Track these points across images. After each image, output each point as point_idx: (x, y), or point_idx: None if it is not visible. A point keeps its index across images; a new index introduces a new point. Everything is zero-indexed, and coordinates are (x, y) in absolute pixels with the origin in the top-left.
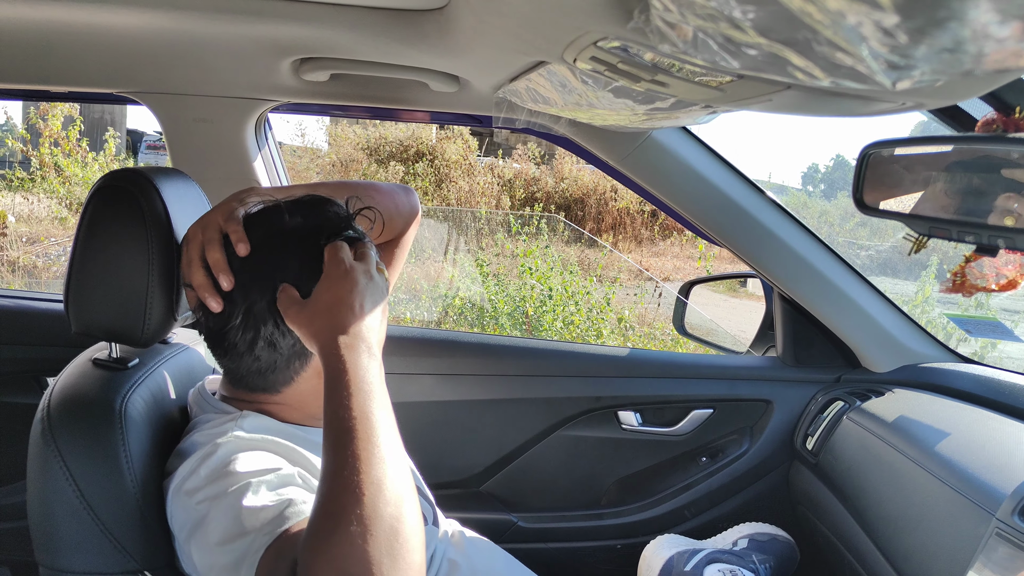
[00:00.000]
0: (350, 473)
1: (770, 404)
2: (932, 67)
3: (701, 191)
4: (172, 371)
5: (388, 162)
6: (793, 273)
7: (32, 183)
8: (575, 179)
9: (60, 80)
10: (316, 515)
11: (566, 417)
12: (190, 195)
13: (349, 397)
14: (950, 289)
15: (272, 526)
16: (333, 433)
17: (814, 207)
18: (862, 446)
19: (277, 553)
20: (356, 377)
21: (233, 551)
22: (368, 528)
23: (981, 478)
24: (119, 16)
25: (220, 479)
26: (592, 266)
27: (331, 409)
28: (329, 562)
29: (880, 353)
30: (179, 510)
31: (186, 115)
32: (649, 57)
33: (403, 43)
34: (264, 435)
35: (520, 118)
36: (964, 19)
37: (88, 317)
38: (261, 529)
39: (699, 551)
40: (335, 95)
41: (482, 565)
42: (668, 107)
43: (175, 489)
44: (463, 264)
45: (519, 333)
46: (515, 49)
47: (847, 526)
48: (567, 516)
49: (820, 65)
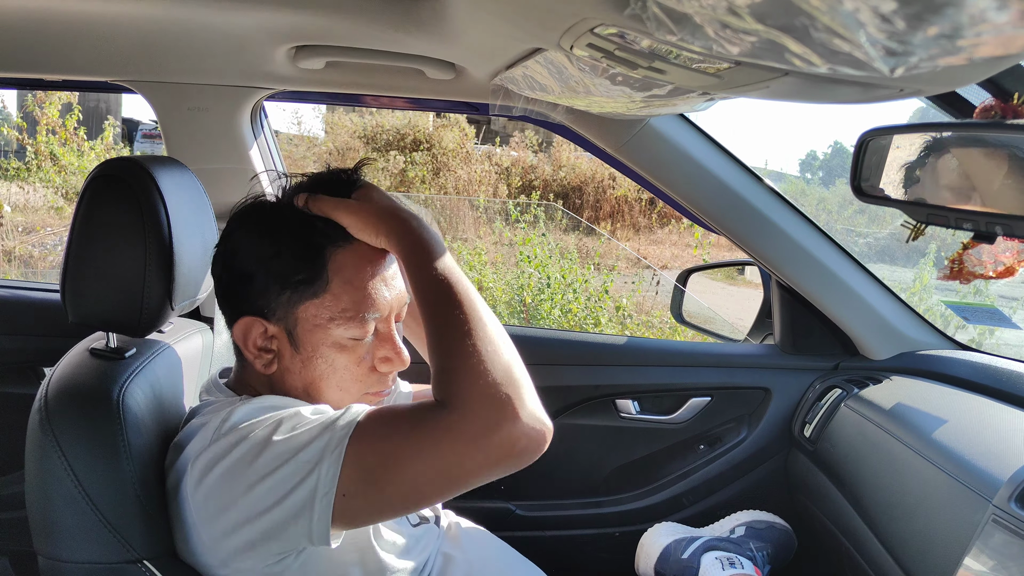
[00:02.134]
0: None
1: (768, 392)
2: (930, 53)
3: (699, 179)
4: (169, 360)
5: (387, 151)
6: (791, 261)
7: (28, 172)
8: (573, 167)
9: (54, 68)
10: (444, 355)
11: (564, 405)
12: (186, 184)
13: (441, 262)
14: (948, 276)
15: (341, 421)
16: (433, 296)
17: (812, 194)
18: (860, 433)
19: (360, 436)
20: (439, 244)
21: (298, 463)
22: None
23: (978, 465)
24: (114, 4)
25: (249, 429)
26: (590, 254)
27: (424, 277)
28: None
29: (878, 340)
30: (204, 484)
31: (181, 103)
32: (646, 44)
33: (399, 30)
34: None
35: (517, 105)
36: (962, 5)
37: (85, 307)
38: (328, 428)
39: (697, 539)
40: (331, 83)
41: (477, 557)
42: (665, 94)
43: (192, 468)
44: (461, 252)
45: (517, 322)
46: (511, 36)
47: (844, 513)
48: (565, 504)
49: (818, 52)
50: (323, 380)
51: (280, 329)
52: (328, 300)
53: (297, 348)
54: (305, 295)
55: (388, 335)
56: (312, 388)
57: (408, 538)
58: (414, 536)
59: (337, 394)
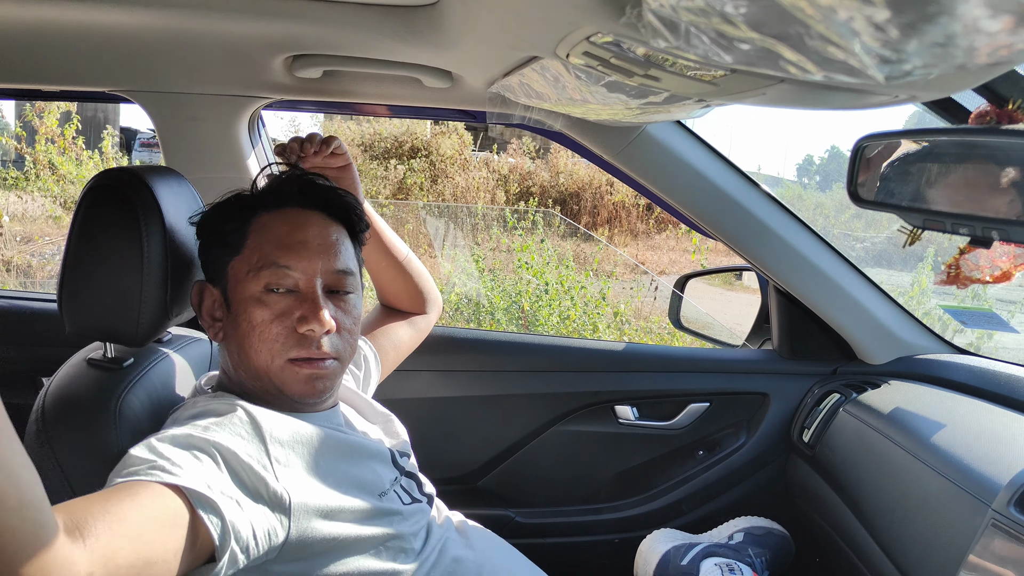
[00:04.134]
0: None
1: (767, 397)
2: (924, 61)
3: (696, 185)
4: (167, 370)
5: (387, 160)
6: (788, 266)
7: (26, 182)
8: (570, 173)
9: (52, 79)
10: None
11: (563, 412)
12: (183, 193)
13: None
14: (945, 281)
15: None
16: None
17: (809, 199)
18: (858, 438)
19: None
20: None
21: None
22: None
23: (977, 469)
24: (111, 14)
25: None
26: (588, 260)
27: None
28: None
29: (876, 345)
30: None
31: (179, 113)
32: (642, 52)
33: (395, 39)
34: (232, 401)
35: (514, 113)
36: (955, 14)
37: (82, 317)
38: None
39: (696, 545)
40: (328, 92)
41: (487, 559)
42: (661, 101)
43: None
44: (459, 260)
45: (515, 329)
46: (507, 44)
47: (844, 518)
48: (565, 511)
49: (813, 59)
50: (246, 339)
51: (219, 292)
52: (246, 254)
53: (229, 307)
54: (230, 252)
55: (309, 295)
56: (242, 352)
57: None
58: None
59: (263, 358)
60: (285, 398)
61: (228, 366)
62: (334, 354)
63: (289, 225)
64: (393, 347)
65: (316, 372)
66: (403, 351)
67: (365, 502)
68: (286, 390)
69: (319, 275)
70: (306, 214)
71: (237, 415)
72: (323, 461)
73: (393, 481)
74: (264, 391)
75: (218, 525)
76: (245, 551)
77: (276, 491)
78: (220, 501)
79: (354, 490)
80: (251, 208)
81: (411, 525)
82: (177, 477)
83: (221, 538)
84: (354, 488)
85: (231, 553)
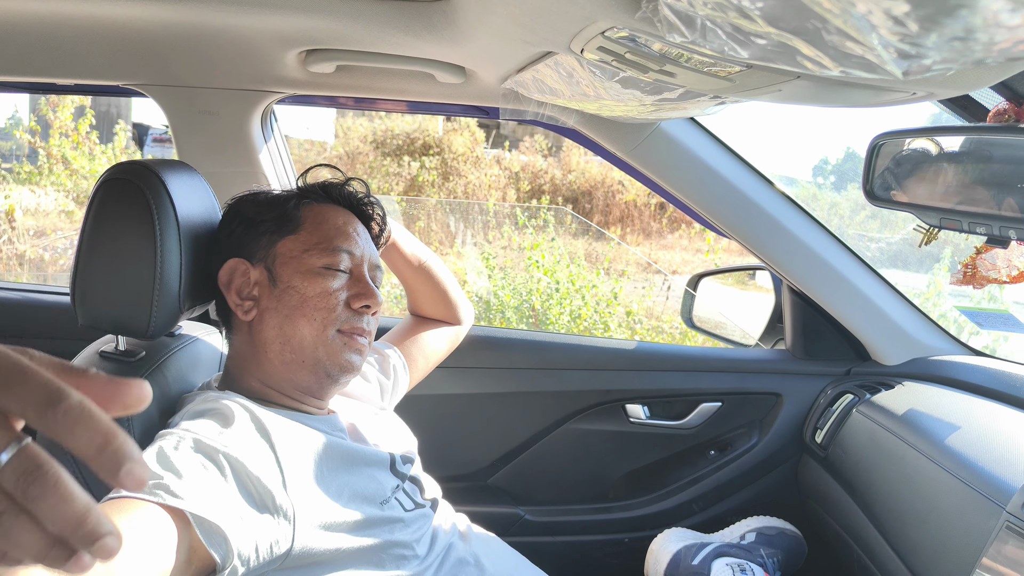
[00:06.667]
0: None
1: (779, 397)
2: (943, 56)
3: (710, 183)
4: (179, 364)
5: (401, 156)
6: (802, 266)
7: (39, 176)
8: (582, 171)
9: (65, 73)
10: None
11: (574, 410)
12: (196, 187)
13: None
14: (961, 281)
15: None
16: None
17: (824, 199)
18: (872, 439)
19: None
20: None
21: None
22: None
23: (991, 471)
24: (125, 8)
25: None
26: (599, 259)
27: None
28: None
29: (890, 346)
30: None
31: (192, 107)
32: (657, 47)
33: (409, 34)
34: (232, 400)
35: (528, 109)
36: (975, 7)
37: (95, 310)
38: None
39: (707, 545)
40: (341, 87)
41: (490, 563)
42: (676, 98)
43: None
44: (469, 257)
45: (526, 326)
46: (522, 39)
47: (856, 519)
48: (575, 509)
49: (830, 55)
50: (299, 309)
51: (261, 269)
52: (303, 235)
53: (275, 282)
54: (283, 233)
55: (361, 276)
56: (287, 323)
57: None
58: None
59: (310, 328)
60: (314, 379)
61: (236, 363)
62: (372, 334)
63: (343, 217)
64: (423, 357)
65: (360, 347)
66: (433, 361)
67: (367, 512)
68: (328, 361)
69: (366, 263)
70: (347, 212)
71: (244, 417)
72: (327, 470)
73: (395, 488)
74: (276, 385)
75: (222, 546)
76: (246, 563)
77: (282, 504)
78: (225, 524)
79: (356, 501)
80: (306, 196)
81: (413, 532)
82: (182, 500)
83: (224, 558)
84: (356, 499)
85: (232, 569)
